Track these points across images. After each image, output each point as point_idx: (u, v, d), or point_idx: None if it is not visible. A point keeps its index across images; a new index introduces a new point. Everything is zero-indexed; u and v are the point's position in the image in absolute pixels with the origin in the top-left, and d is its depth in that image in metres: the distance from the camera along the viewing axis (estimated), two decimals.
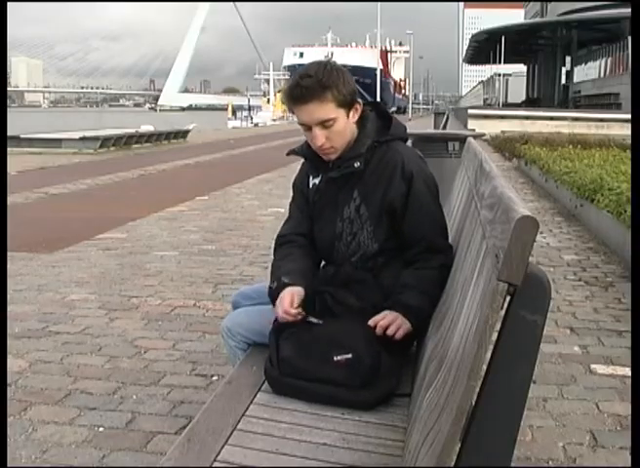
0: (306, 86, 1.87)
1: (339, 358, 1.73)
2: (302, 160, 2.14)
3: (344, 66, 2.00)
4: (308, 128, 1.94)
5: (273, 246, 2.17)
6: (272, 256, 2.15)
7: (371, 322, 1.83)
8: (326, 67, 1.91)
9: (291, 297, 1.90)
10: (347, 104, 1.93)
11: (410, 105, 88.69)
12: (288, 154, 2.16)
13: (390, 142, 2.01)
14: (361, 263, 1.99)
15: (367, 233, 1.99)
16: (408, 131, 2.13)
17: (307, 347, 1.78)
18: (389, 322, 1.82)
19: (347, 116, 1.94)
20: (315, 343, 1.78)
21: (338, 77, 1.89)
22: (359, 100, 1.98)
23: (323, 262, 2.13)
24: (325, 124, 1.91)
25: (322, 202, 2.07)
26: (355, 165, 1.96)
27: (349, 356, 1.73)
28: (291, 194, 2.20)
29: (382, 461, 1.50)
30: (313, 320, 1.88)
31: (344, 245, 2.02)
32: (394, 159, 1.97)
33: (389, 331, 1.81)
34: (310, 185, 2.11)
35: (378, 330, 1.81)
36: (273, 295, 1.96)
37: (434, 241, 1.95)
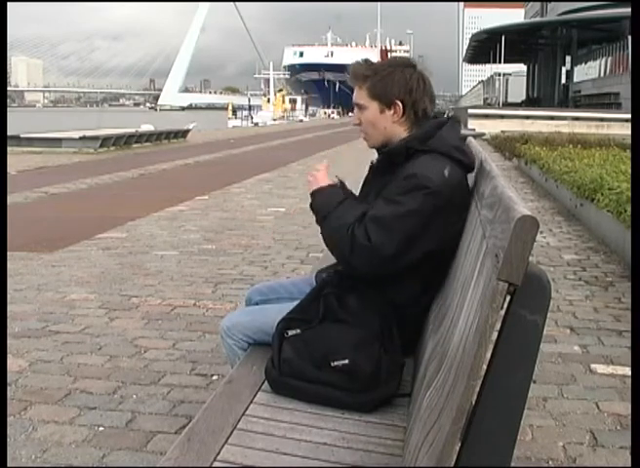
0: (353, 70, 2.05)
1: (336, 363, 1.73)
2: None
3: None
4: None
5: None
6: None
7: None
8: (384, 63, 2.08)
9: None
10: (381, 100, 2.00)
11: None
12: None
13: (426, 153, 1.92)
14: None
15: None
16: None
17: (308, 350, 1.79)
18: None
19: (381, 112, 2.00)
20: (315, 347, 1.78)
21: (382, 73, 1.99)
22: (399, 104, 1.97)
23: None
24: (360, 107, 2.05)
25: (360, 194, 2.14)
26: (371, 162, 2.10)
27: (346, 361, 1.73)
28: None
29: (383, 461, 1.50)
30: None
31: None
32: (410, 169, 1.89)
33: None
34: None
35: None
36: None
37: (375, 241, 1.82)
